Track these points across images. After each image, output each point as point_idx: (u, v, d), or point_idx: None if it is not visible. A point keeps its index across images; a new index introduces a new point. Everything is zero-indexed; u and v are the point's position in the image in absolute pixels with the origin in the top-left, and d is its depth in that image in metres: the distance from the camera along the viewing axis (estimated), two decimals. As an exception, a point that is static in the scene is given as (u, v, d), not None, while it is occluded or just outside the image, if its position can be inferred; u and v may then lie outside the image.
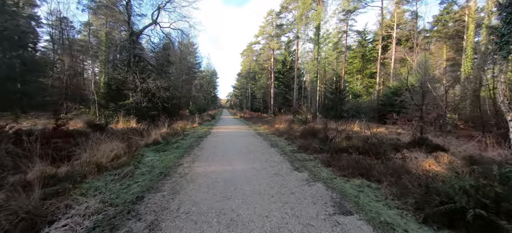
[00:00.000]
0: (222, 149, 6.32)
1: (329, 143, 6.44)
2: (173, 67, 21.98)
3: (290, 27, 25.52)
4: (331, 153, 5.35)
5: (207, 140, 8.22)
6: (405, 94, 19.65)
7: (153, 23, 14.11)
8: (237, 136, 9.40)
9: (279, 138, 9.15)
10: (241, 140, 8.19)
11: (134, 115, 12.95)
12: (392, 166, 4.32)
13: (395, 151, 5.92)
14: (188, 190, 3.16)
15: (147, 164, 4.66)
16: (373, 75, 34.30)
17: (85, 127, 8.52)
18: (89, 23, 24.86)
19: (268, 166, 4.53)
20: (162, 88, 13.54)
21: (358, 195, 3.15)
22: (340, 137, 7.72)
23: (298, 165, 4.67)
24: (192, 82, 43.96)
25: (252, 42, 36.07)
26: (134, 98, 12.92)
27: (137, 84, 12.67)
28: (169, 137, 8.59)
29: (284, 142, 7.95)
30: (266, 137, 9.36)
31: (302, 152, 6.10)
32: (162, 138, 8.20)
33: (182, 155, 5.48)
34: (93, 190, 3.13)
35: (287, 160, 5.15)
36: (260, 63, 40.19)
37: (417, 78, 19.42)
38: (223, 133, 10.94)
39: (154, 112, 13.65)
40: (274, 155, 5.64)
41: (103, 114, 12.65)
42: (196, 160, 5.00)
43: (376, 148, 5.81)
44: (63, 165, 3.87)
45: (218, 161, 4.88)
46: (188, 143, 7.64)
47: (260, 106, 42.87)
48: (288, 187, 3.32)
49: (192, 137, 9.09)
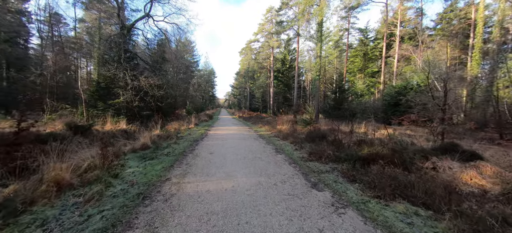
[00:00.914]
0: (220, 157, 5.39)
1: (346, 149, 5.54)
2: (168, 65, 20.93)
3: (290, 24, 24.59)
4: (352, 163, 4.45)
5: (203, 145, 7.27)
6: (410, 93, 18.91)
7: (145, 16, 13.08)
8: (237, 139, 8.47)
9: (284, 141, 8.23)
10: (241, 145, 7.25)
11: (125, 115, 11.96)
12: (435, 182, 3.43)
13: (424, 159, 5.05)
14: (171, 227, 2.22)
15: (126, 179, 3.71)
16: (374, 74, 33.61)
17: (64, 129, 7.52)
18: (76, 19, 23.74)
19: (278, 181, 3.61)
20: (155, 86, 12.55)
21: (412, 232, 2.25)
22: (351, 140, 6.83)
23: (315, 180, 3.75)
24: (189, 81, 42.92)
25: (251, 40, 35.11)
26: (124, 97, 11.92)
27: (128, 82, 11.66)
28: (160, 141, 7.63)
29: (291, 147, 7.03)
30: (269, 140, 8.43)
31: (314, 160, 5.18)
32: (152, 142, 7.24)
33: (171, 165, 4.54)
34: (36, 227, 2.18)
35: (300, 172, 4.23)
36: (259, 62, 39.26)
37: (424, 76, 18.65)
38: (222, 135, 10.00)
39: (146, 112, 12.66)
40: (283, 165, 4.72)
41: (91, 114, 11.62)
42: (187, 172, 4.06)
43: (400, 155, 4.93)
44: (12, 183, 2.93)
45: (215, 175, 3.94)
46: (181, 148, 6.68)
47: (259, 106, 41.97)
48: (311, 219, 2.40)
49: (186, 141, 8.13)
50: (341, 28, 29.58)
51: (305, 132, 10.53)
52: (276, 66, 34.15)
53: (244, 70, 46.40)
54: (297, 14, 23.27)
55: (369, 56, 32.77)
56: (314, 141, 7.57)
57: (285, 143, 7.83)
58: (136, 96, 11.98)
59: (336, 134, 7.51)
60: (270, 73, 34.77)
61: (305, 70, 42.51)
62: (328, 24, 38.88)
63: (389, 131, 11.79)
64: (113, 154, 4.69)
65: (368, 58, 32.95)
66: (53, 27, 21.55)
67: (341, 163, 4.68)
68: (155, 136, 8.11)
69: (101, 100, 11.89)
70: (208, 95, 62.15)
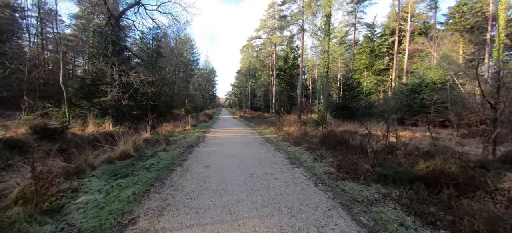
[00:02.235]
0: (218, 173, 3.99)
1: (386, 161, 4.13)
2: (164, 61, 19.55)
3: (295, 18, 23.11)
4: (408, 186, 3.05)
5: (198, 152, 5.88)
6: (425, 91, 17.49)
7: (136, 4, 11.68)
8: (240, 145, 7.07)
9: (296, 147, 6.82)
10: (245, 152, 5.86)
11: (112, 116, 10.60)
12: None
13: (496, 176, 3.66)
14: None
15: (69, 218, 2.33)
16: (381, 72, 32.18)
17: (29, 133, 6.14)
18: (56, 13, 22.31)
19: (311, 227, 2.22)
20: (147, 83, 11.17)
21: None
22: (381, 146, 5.44)
23: (366, 220, 2.36)
24: (189, 79, 41.54)
25: (252, 36, 33.56)
26: (112, 94, 10.55)
27: (115, 77, 10.28)
28: (146, 148, 6.25)
29: (307, 155, 5.62)
30: (278, 146, 7.03)
31: (348, 178, 3.78)
32: (135, 149, 5.86)
33: (147, 190, 3.15)
34: None
35: (336, 201, 2.83)
36: (261, 59, 37.85)
37: (442, 72, 17.21)
38: (221, 139, 8.61)
39: (137, 111, 11.29)
40: (306, 187, 3.33)
41: (74, 115, 10.24)
42: (168, 204, 2.67)
43: (464, 171, 3.52)
44: None
45: (209, 211, 2.55)
46: (169, 158, 5.29)
47: (261, 105, 40.63)
48: None
49: (179, 147, 6.74)
50: (347, 24, 28.09)
51: (318, 134, 9.14)
52: (278, 65, 32.75)
53: (245, 69, 44.92)
54: (302, 7, 21.82)
55: (376, 53, 31.31)
56: (334, 148, 6.18)
57: (299, 150, 6.42)
58: (125, 94, 10.61)
59: (364, 138, 6.11)
60: (272, 71, 33.41)
61: (307, 68, 41.05)
62: (332, 20, 37.36)
63: (405, 134, 10.41)
64: (66, 172, 3.30)
65: (375, 55, 31.49)
66: (43, 21, 20.18)
67: (390, 185, 3.28)
68: (141, 141, 6.74)
69: (86, 98, 10.52)
70: (209, 95, 60.81)
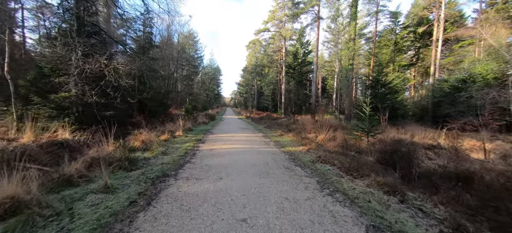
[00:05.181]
0: None
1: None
2: (157, 52, 16.74)
3: (309, 3, 19.92)
4: None
5: (173, 193, 2.93)
6: (473, 88, 14.15)
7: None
8: (252, 177, 4.06)
9: (358, 181, 3.77)
10: (267, 206, 2.87)
11: (76, 118, 7.82)
12: None
13: None
14: None
15: None
16: (403, 68, 28.68)
17: None
18: None
19: None
20: (123, 74, 8.34)
21: None
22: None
23: None
24: (193, 77, 38.90)
25: (260, 29, 30.44)
26: (76, 89, 7.76)
27: (78, 64, 7.46)
28: (86, 178, 3.33)
29: (399, 207, 2.58)
30: (323, 177, 3.99)
31: None
32: (46, 189, 2.97)
33: None
34: None
35: None
36: (269, 55, 34.77)
37: (495, 65, 13.82)
38: (220, 157, 5.63)
39: (110, 111, 8.46)
40: None
41: (27, 115, 7.48)
42: None
43: None
44: None
45: None
46: (106, 215, 2.33)
47: (268, 105, 37.59)
48: None
49: (134, 182, 3.77)
50: (368, 13, 24.65)
51: (364, 147, 6.05)
52: (287, 61, 29.63)
53: (251, 66, 41.85)
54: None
55: (399, 47, 27.77)
56: (420, 181, 3.11)
57: (368, 189, 3.36)
58: (92, 88, 7.80)
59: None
60: (282, 67, 30.32)
61: (317, 66, 37.75)
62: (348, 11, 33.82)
63: (452, 142, 7.18)
64: None
65: (398, 49, 27.98)
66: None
67: None
68: (81, 167, 3.82)
69: (40, 94, 7.75)
70: (213, 94, 58.19)
